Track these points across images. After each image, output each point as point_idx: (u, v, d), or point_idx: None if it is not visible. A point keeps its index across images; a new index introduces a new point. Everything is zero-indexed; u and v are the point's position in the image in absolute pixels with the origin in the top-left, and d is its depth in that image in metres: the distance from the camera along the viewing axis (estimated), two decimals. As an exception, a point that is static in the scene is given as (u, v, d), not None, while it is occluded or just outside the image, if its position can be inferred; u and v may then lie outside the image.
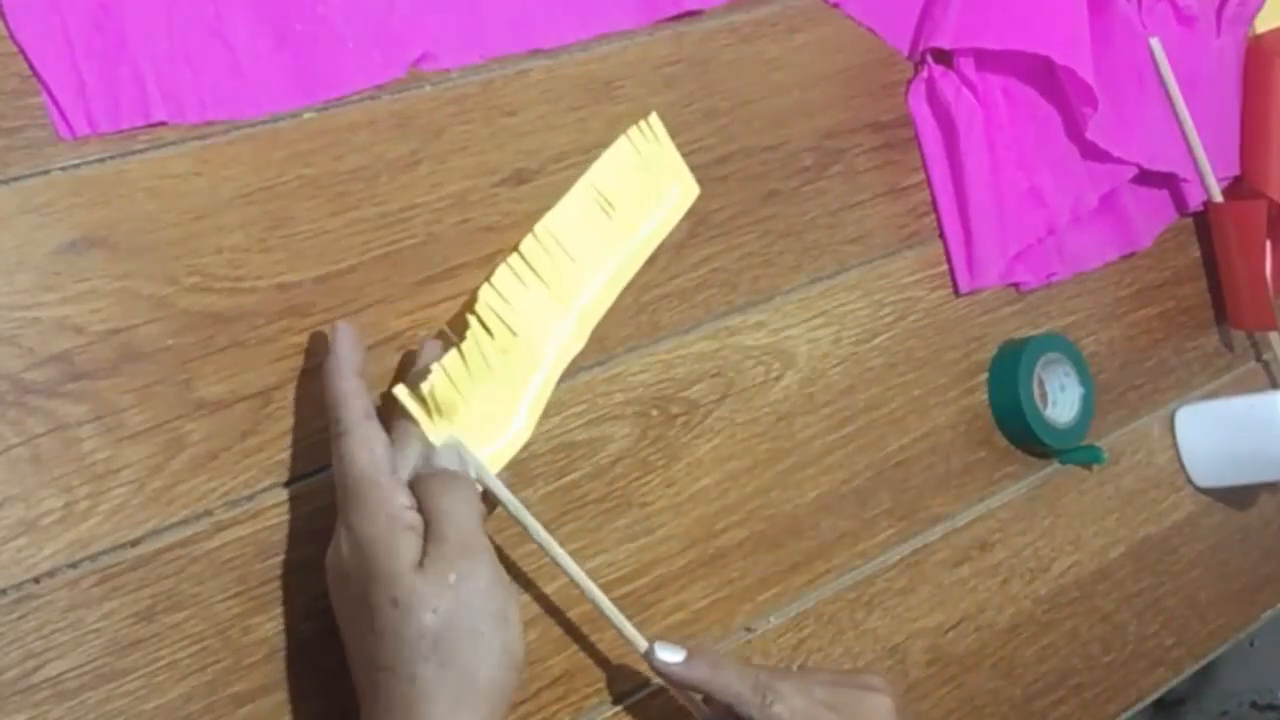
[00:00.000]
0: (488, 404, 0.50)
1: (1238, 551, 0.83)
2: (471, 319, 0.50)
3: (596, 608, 0.52)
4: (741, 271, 0.64)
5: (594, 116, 0.60)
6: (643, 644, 0.52)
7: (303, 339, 0.51)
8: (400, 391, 0.47)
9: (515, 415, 0.51)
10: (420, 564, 0.44)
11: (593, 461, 0.58)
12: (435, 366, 0.47)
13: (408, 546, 0.44)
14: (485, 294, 0.51)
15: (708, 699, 0.53)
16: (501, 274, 0.52)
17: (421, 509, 0.46)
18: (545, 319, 0.53)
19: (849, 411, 0.67)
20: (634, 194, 0.55)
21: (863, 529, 0.66)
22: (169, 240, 0.49)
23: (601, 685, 0.57)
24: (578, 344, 0.55)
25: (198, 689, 0.48)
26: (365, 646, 0.44)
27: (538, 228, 0.54)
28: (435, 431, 0.48)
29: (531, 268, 0.53)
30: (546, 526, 0.55)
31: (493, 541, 0.47)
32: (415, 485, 0.47)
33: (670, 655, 0.51)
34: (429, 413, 0.47)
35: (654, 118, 0.57)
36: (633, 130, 0.55)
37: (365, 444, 0.45)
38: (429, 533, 0.45)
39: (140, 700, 0.46)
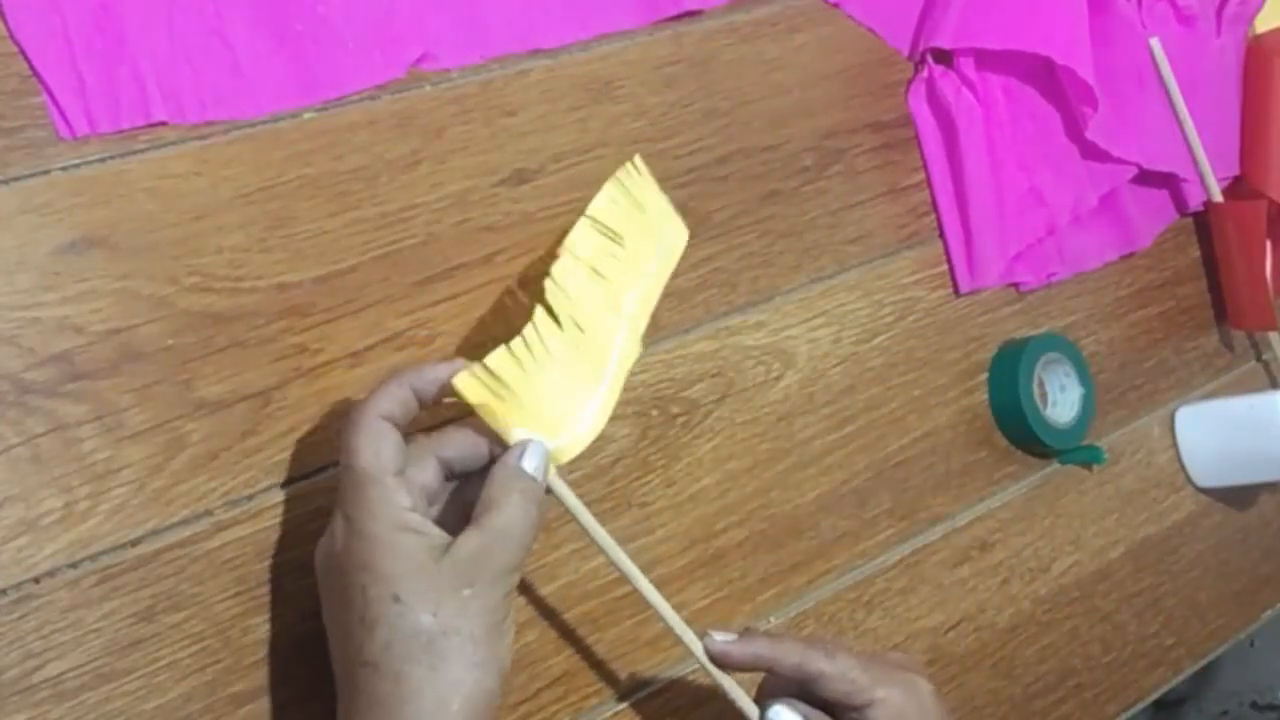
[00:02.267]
0: (552, 397, 0.47)
1: (1238, 551, 0.83)
2: (538, 308, 0.47)
3: (653, 608, 0.50)
4: (741, 271, 0.64)
5: (594, 116, 0.60)
6: (700, 647, 0.50)
7: (303, 339, 0.51)
8: (461, 378, 0.44)
9: (582, 413, 0.48)
10: (438, 561, 0.43)
11: (593, 461, 0.58)
12: (500, 347, 0.45)
13: (411, 548, 0.43)
14: (550, 286, 0.48)
15: (761, 686, 0.52)
16: (561, 267, 0.48)
17: (482, 504, 0.44)
18: (606, 321, 0.50)
19: (849, 411, 0.67)
20: (631, 228, 0.53)
21: (863, 529, 0.66)
22: (169, 240, 0.49)
23: (601, 685, 0.57)
24: (635, 351, 0.51)
25: (198, 689, 0.48)
26: (352, 640, 0.43)
27: (563, 247, 0.50)
28: (500, 422, 0.45)
29: (588, 265, 0.49)
30: (549, 526, 0.55)
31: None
32: (491, 477, 0.45)
33: (726, 637, 0.51)
34: (494, 398, 0.45)
35: (639, 160, 0.54)
36: (620, 172, 0.52)
37: (372, 439, 0.44)
38: (474, 542, 0.43)
39: (140, 700, 0.46)
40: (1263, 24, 0.87)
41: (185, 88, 0.50)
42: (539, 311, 0.47)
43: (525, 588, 0.55)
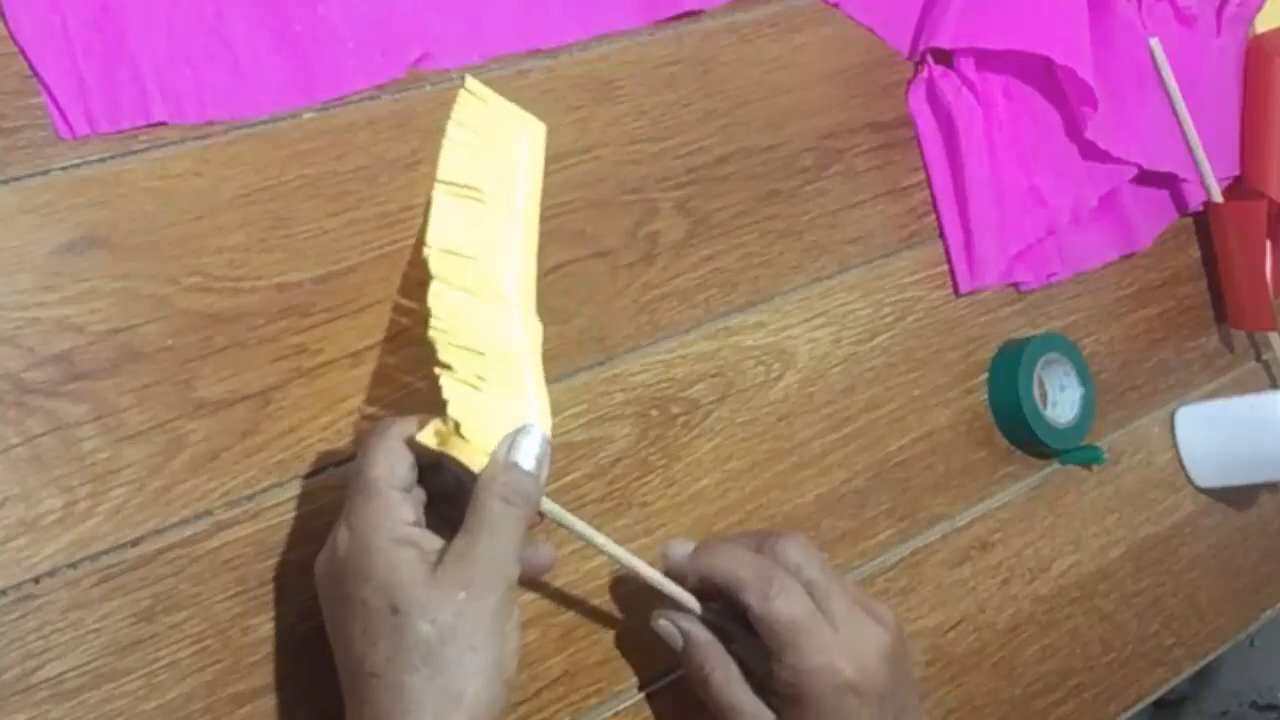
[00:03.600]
0: (495, 416, 0.47)
1: (1238, 551, 0.83)
2: (438, 354, 0.46)
3: (635, 572, 0.51)
4: (741, 271, 0.64)
5: (594, 116, 0.60)
6: (692, 601, 0.52)
7: (303, 339, 0.51)
8: (422, 434, 0.45)
9: (527, 416, 0.48)
10: (433, 570, 0.43)
11: (593, 461, 0.58)
12: (443, 382, 0.46)
13: (409, 560, 0.43)
14: (433, 331, 0.46)
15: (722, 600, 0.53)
16: (434, 300, 0.47)
17: (469, 510, 0.45)
18: (498, 322, 0.49)
19: (849, 411, 0.67)
20: (488, 166, 0.49)
21: (863, 529, 0.66)
22: (169, 240, 0.49)
23: (601, 685, 0.57)
24: (537, 328, 0.50)
25: (198, 689, 0.48)
26: (355, 650, 0.44)
27: (425, 246, 0.48)
28: (465, 454, 0.46)
29: (450, 284, 0.48)
30: (548, 527, 0.55)
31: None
32: (479, 480, 0.46)
33: (679, 550, 0.53)
34: (448, 441, 0.46)
35: (469, 79, 0.50)
36: (454, 107, 0.49)
37: (389, 453, 0.45)
38: (460, 542, 0.44)
39: (140, 700, 0.46)
40: (1263, 24, 0.87)
41: (185, 88, 0.50)
42: (441, 376, 0.46)
43: (525, 588, 0.55)
